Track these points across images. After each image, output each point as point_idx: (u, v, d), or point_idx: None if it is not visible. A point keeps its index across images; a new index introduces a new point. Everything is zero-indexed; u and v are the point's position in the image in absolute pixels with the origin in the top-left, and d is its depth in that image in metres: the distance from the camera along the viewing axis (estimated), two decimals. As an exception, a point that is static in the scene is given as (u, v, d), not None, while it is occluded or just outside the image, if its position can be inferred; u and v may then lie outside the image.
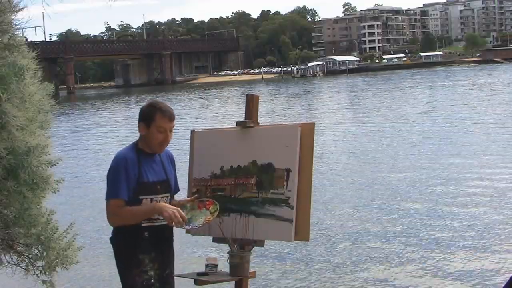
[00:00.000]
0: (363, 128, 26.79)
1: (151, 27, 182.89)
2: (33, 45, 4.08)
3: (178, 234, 3.64)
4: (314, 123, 3.54)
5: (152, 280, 3.38)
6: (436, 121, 27.40)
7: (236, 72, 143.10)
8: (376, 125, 27.54)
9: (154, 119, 3.35)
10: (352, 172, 15.99)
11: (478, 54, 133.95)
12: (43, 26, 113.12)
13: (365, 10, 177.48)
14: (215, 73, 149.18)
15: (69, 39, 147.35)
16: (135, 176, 3.35)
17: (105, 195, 3.38)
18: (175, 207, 3.32)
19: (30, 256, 3.80)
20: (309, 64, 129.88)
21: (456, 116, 28.71)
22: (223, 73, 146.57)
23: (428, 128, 24.94)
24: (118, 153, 3.43)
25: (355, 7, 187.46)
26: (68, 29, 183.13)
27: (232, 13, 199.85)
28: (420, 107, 35.60)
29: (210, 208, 3.49)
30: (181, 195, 3.75)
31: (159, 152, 3.48)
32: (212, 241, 3.80)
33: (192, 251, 9.01)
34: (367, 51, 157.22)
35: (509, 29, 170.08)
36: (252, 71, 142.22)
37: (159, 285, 3.42)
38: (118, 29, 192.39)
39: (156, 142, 3.39)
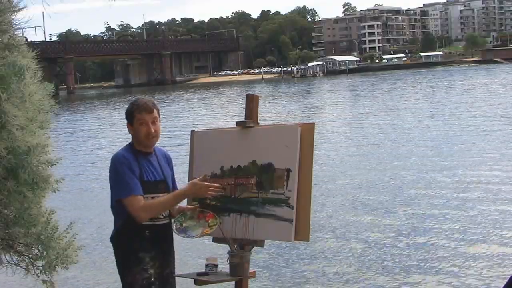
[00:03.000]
0: (363, 128, 26.79)
1: (151, 27, 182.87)
2: (33, 45, 4.08)
3: (178, 234, 3.65)
4: (314, 123, 3.54)
5: (152, 279, 3.39)
6: (435, 121, 27.39)
7: (236, 72, 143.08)
8: (376, 125, 27.53)
9: (134, 116, 3.45)
10: (353, 172, 15.98)
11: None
12: (43, 26, 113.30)
13: (365, 10, 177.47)
14: (215, 73, 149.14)
15: (69, 39, 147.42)
16: (137, 175, 3.37)
17: (115, 195, 3.36)
18: (199, 183, 3.42)
19: (30, 255, 3.80)
20: (309, 64, 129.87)
21: (455, 116, 28.70)
22: (223, 73, 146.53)
23: (427, 128, 24.94)
24: (116, 154, 3.44)
25: (355, 7, 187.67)
26: (68, 29, 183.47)
27: (232, 13, 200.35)
28: (420, 107, 35.59)
29: (209, 221, 3.50)
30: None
31: (150, 145, 3.50)
32: (212, 241, 3.80)
33: (192, 251, 9.01)
34: (367, 51, 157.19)
35: (509, 29, 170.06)
36: (252, 71, 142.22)
37: (159, 283, 3.43)
38: (118, 29, 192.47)
39: (141, 135, 3.43)
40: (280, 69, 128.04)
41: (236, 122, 3.74)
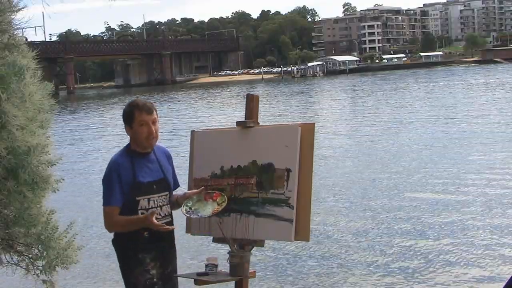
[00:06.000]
0: (363, 128, 26.78)
1: (151, 27, 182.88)
2: (33, 45, 4.08)
3: (179, 234, 3.65)
4: (314, 123, 3.55)
5: (155, 279, 3.43)
6: (435, 121, 27.39)
7: (236, 72, 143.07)
8: (376, 125, 27.54)
9: (134, 117, 3.42)
10: (352, 172, 15.98)
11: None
12: (43, 26, 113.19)
13: (365, 10, 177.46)
14: (215, 73, 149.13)
15: (69, 39, 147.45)
16: (129, 179, 3.39)
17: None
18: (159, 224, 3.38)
19: (30, 255, 3.80)
20: (309, 64, 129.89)
21: (454, 116, 28.70)
22: (223, 73, 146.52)
23: (427, 128, 24.93)
24: (111, 159, 3.48)
25: (355, 7, 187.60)
26: (68, 29, 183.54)
27: (232, 13, 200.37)
28: (419, 107, 35.59)
29: (217, 200, 3.53)
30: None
31: (150, 146, 3.50)
32: (212, 241, 3.80)
33: (192, 251, 9.01)
34: (367, 51, 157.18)
35: (509, 29, 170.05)
36: (252, 71, 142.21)
37: (162, 283, 3.46)
38: (118, 29, 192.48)
39: (142, 136, 3.43)
40: (280, 69, 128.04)
41: (236, 122, 3.74)
